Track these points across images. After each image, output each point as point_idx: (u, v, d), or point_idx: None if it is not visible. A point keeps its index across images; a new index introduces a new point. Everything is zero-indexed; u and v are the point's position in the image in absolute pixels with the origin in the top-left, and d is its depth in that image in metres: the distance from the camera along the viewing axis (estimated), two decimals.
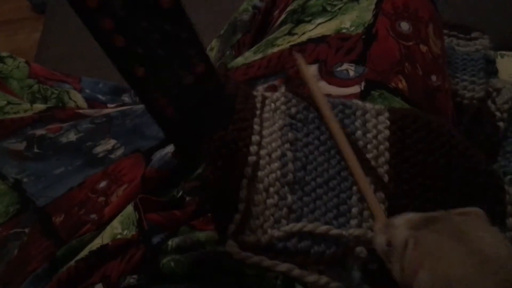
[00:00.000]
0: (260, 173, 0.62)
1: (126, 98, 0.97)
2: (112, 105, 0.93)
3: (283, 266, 0.58)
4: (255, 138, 0.63)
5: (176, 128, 0.50)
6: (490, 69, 0.85)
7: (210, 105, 0.51)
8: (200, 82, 0.48)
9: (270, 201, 0.61)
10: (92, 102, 0.91)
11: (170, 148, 0.68)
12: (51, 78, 0.91)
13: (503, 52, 0.91)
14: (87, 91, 0.93)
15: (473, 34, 0.89)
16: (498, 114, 0.78)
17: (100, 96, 0.94)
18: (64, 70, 0.98)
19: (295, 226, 0.60)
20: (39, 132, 0.75)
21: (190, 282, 0.59)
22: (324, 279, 0.58)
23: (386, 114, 0.65)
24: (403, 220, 0.52)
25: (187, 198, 0.66)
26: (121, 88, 0.98)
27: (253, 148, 0.62)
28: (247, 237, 0.60)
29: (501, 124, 0.77)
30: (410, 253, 0.47)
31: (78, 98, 0.90)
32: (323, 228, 0.59)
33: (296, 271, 0.58)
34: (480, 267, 0.44)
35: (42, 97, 0.87)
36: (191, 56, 0.46)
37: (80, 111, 0.82)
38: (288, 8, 0.80)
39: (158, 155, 0.70)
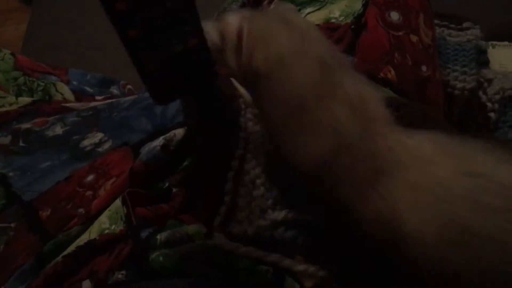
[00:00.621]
0: (246, 166, 0.62)
1: (114, 90, 0.96)
2: (100, 97, 0.92)
3: (273, 257, 0.58)
4: (241, 133, 0.64)
5: (155, 81, 0.55)
6: (482, 59, 0.85)
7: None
8: (189, 54, 0.53)
9: (256, 192, 0.62)
10: (79, 94, 0.90)
11: (158, 142, 0.67)
12: (37, 70, 0.89)
13: (494, 42, 0.90)
14: (75, 83, 0.92)
15: (465, 24, 0.88)
16: (489, 105, 0.77)
17: (87, 88, 0.93)
18: (51, 61, 0.96)
19: (280, 214, 0.60)
20: (25, 125, 0.74)
21: (180, 277, 0.59)
22: (312, 268, 0.58)
23: None
24: (236, 15, 0.56)
25: (174, 190, 0.66)
26: (109, 80, 0.96)
27: (240, 143, 0.63)
28: (234, 228, 0.60)
29: (492, 115, 0.77)
30: (246, 39, 0.53)
31: (65, 90, 0.89)
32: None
33: (286, 261, 0.58)
34: (302, 41, 0.53)
35: (28, 90, 0.85)
36: (186, 31, 0.50)
37: (67, 104, 0.80)
38: None
39: (147, 148, 0.69)
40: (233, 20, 0.56)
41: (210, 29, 0.56)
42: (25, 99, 0.80)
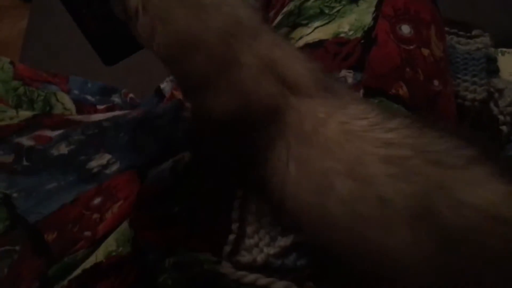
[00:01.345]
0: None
1: (116, 98, 0.94)
2: (102, 107, 0.90)
3: (280, 284, 0.57)
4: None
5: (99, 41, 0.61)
6: (491, 68, 0.83)
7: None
8: None
9: (265, 219, 0.61)
10: (80, 104, 0.88)
11: (166, 165, 0.66)
12: (37, 79, 0.87)
13: (504, 49, 0.88)
14: (75, 92, 0.90)
15: (474, 32, 0.86)
16: (501, 117, 0.76)
17: (88, 97, 0.91)
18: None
19: (288, 239, 0.59)
20: (28, 142, 0.72)
21: None
22: None
23: None
24: None
25: (182, 213, 0.65)
26: (111, 88, 0.95)
27: None
28: (243, 257, 0.59)
29: (504, 128, 0.75)
30: (141, 19, 0.54)
31: (66, 100, 0.87)
32: None
33: None
34: (199, 16, 0.54)
35: (28, 100, 0.83)
36: None
37: (69, 117, 0.78)
38: (285, 9, 0.77)
39: (155, 171, 0.67)
40: None
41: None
42: (25, 113, 0.78)
